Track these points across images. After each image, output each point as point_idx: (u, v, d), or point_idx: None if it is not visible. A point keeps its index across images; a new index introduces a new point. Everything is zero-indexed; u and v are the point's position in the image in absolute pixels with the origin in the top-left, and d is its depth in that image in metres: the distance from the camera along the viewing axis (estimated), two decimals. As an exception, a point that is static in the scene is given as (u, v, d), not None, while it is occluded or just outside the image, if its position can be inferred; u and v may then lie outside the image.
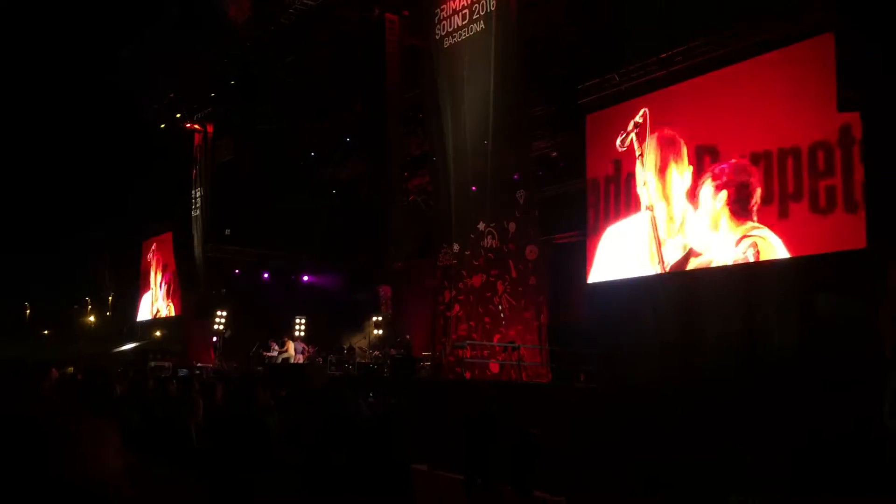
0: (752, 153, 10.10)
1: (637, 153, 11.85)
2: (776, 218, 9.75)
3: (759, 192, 10.30)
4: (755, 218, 10.29)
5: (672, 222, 11.24)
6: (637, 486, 7.53)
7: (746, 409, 7.78)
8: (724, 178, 10.78)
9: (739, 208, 10.51)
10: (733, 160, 10.70)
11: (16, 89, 22.56)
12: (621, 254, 12.05)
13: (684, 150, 11.13)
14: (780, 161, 9.77)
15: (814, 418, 7.11)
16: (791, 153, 9.64)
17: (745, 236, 10.30)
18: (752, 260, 10.13)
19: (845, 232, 8.77)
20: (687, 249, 10.93)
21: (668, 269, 11.25)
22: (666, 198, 11.38)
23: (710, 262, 10.55)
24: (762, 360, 9.42)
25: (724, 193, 10.72)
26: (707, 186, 10.91)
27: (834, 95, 8.00)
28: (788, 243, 9.59)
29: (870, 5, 8.49)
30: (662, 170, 11.45)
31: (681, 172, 11.16)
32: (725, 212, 10.64)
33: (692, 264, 10.83)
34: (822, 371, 8.28)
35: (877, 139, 8.42)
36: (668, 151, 11.39)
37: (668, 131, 11.43)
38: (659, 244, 11.43)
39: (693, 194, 11.04)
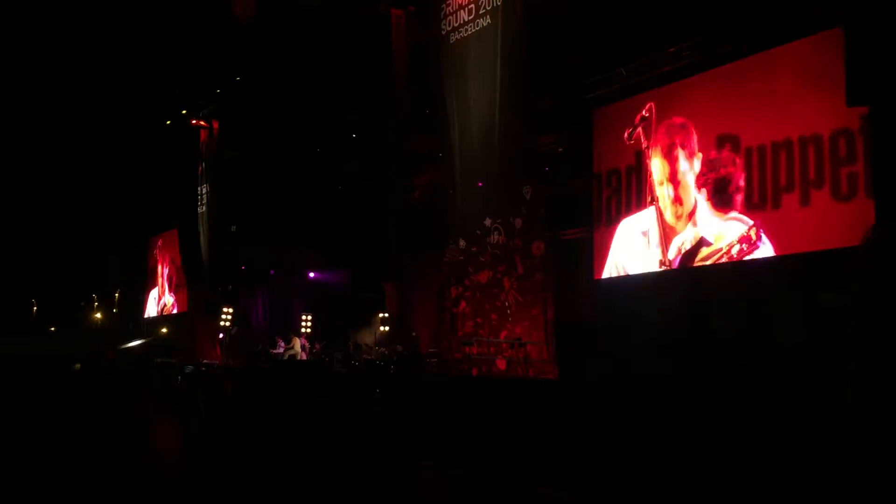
0: (773, 142, 10.00)
1: (644, 145, 11.79)
2: (798, 206, 9.66)
3: (741, 181, 10.38)
4: (739, 209, 10.38)
5: (680, 212, 11.19)
6: (644, 482, 7.49)
7: (751, 405, 7.74)
8: (703, 178, 10.86)
9: (719, 201, 10.63)
10: (712, 155, 10.73)
11: (20, 87, 22.56)
12: (629, 249, 12.01)
13: (694, 137, 11.07)
14: (801, 149, 9.68)
15: (818, 414, 7.06)
16: (812, 141, 9.56)
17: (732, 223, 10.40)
18: (745, 250, 10.16)
19: (870, 219, 8.67)
20: (698, 238, 10.90)
21: (677, 261, 11.19)
22: (674, 187, 11.33)
23: (720, 250, 10.52)
24: (768, 357, 9.35)
25: (703, 191, 10.83)
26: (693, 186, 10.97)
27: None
28: (808, 231, 9.48)
29: (876, 1, 8.44)
30: (671, 158, 11.38)
31: (689, 159, 11.11)
32: (708, 206, 10.71)
33: (702, 254, 10.79)
34: (825, 367, 8.21)
35: (886, 134, 8.37)
36: (676, 137, 11.32)
37: (678, 119, 11.35)
38: (666, 237, 11.39)
39: (699, 183, 11.02)
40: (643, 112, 11.83)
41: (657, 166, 11.61)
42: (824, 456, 6.64)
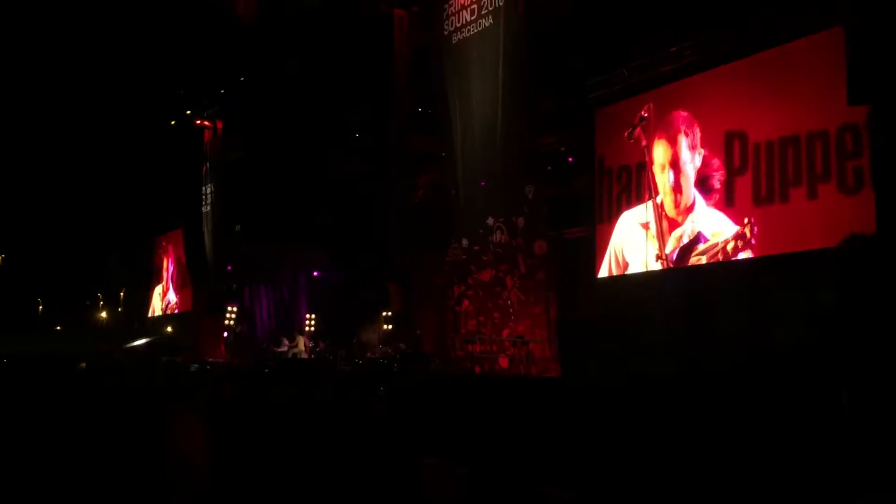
0: (781, 137, 10.02)
1: (643, 144, 11.83)
2: (805, 199, 9.69)
3: (720, 178, 10.61)
4: (716, 205, 10.66)
5: (680, 202, 11.25)
6: (647, 480, 7.54)
7: (753, 404, 7.78)
8: (698, 173, 11.06)
9: (705, 196, 10.87)
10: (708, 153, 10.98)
11: (26, 88, 22.65)
12: (629, 240, 12.07)
13: (698, 132, 11.11)
14: (808, 144, 9.70)
15: (818, 413, 7.11)
16: (819, 136, 9.58)
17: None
18: (739, 247, 10.26)
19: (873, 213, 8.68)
20: (695, 233, 10.96)
21: (675, 254, 11.25)
22: (675, 174, 11.38)
23: (716, 245, 10.60)
24: (769, 356, 9.39)
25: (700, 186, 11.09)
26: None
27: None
28: (817, 224, 9.48)
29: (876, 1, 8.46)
30: (674, 144, 11.41)
31: (691, 150, 11.16)
32: (704, 201, 10.94)
33: (699, 249, 10.86)
34: (824, 367, 8.26)
35: (887, 133, 8.39)
36: (681, 125, 11.35)
37: (684, 111, 11.40)
38: (665, 229, 11.44)
39: (698, 180, 11.07)
40: (642, 112, 11.86)
41: (659, 152, 11.61)
42: (823, 453, 6.69)
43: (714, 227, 10.70)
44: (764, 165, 10.24)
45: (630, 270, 12.05)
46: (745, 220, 10.20)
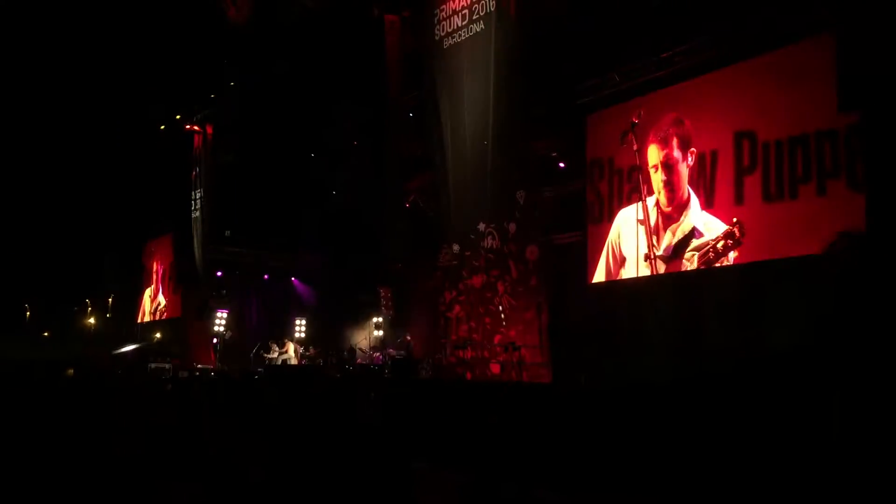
0: (790, 136, 10.02)
1: (635, 148, 11.84)
2: (814, 194, 9.71)
3: (716, 177, 10.73)
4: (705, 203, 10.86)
5: (674, 200, 11.28)
6: (639, 485, 7.52)
7: (745, 408, 7.77)
8: (693, 173, 11.25)
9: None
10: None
11: (15, 93, 22.51)
12: (625, 241, 12.09)
13: (690, 132, 11.14)
14: (817, 143, 9.71)
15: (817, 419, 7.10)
16: (828, 136, 9.58)
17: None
18: (730, 245, 10.29)
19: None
20: (690, 229, 11.01)
21: (670, 249, 11.27)
22: (666, 172, 11.40)
23: (708, 243, 10.65)
24: (761, 361, 9.40)
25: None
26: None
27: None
28: (828, 220, 9.44)
29: (867, 5, 8.50)
30: (667, 146, 11.44)
31: (682, 150, 11.20)
32: (698, 200, 11.14)
33: (693, 245, 10.91)
34: (827, 370, 8.26)
35: (877, 138, 8.42)
36: (672, 129, 11.39)
37: (673, 114, 11.41)
38: (661, 226, 11.47)
39: (692, 178, 11.09)
40: (633, 118, 11.89)
41: (652, 153, 11.67)
42: (815, 458, 6.69)
43: (708, 223, 10.75)
44: (773, 164, 10.22)
45: (627, 265, 12.05)
46: (734, 220, 10.26)
